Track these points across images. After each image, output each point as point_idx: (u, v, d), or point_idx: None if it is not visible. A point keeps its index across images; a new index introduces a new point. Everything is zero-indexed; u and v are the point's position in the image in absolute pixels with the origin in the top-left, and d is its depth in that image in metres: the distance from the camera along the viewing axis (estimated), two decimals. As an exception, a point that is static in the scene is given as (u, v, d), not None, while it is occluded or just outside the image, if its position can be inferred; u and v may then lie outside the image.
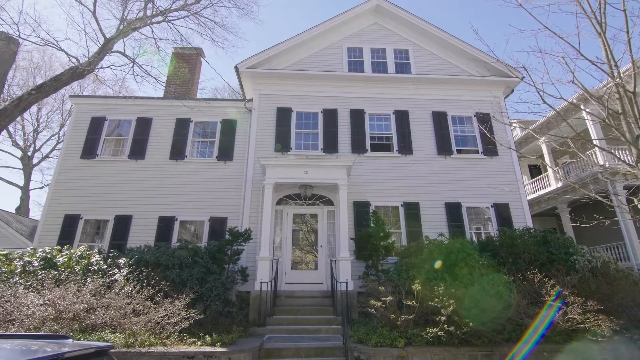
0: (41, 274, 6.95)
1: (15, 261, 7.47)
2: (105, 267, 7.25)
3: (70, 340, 2.32)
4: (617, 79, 4.04)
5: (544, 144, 14.08)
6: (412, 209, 9.91)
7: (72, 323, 5.61)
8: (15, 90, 19.97)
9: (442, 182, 10.28)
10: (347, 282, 7.65)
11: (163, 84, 9.57)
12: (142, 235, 9.55)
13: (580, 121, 11.23)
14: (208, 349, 5.41)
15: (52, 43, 7.75)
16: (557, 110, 4.86)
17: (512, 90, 11.78)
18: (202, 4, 10.64)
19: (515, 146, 11.16)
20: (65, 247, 8.01)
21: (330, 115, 10.94)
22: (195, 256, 7.44)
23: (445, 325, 5.60)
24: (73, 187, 10.20)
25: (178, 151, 10.71)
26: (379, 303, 6.25)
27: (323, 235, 9.73)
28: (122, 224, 9.78)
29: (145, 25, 9.50)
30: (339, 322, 7.18)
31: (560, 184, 13.14)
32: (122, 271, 6.97)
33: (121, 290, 6.35)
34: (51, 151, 23.97)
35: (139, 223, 9.81)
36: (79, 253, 7.62)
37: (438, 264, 7.11)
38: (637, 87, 4.12)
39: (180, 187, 10.24)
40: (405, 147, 10.66)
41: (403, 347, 5.58)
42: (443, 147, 10.73)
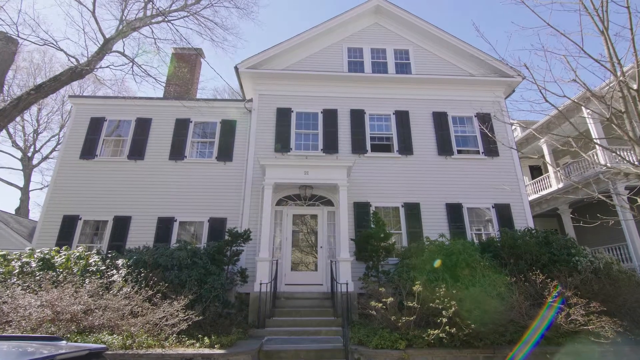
0: (39, 275, 6.90)
1: (13, 262, 7.42)
2: (103, 268, 7.19)
3: (63, 342, 2.27)
4: (621, 77, 3.99)
5: (545, 144, 14.03)
6: (413, 210, 9.86)
7: (69, 324, 5.56)
8: (16, 91, 19.98)
9: (443, 182, 10.23)
10: (347, 284, 7.59)
11: (162, 84, 9.54)
12: (141, 236, 9.50)
13: (581, 121, 11.18)
14: (207, 350, 5.35)
15: (51, 43, 7.72)
16: (560, 109, 4.80)
17: (513, 90, 11.75)
18: (202, 4, 10.63)
19: (516, 147, 11.10)
20: (64, 248, 7.95)
21: (331, 116, 10.90)
22: (194, 257, 7.38)
23: (447, 327, 5.54)
24: (72, 188, 10.16)
25: (177, 151, 10.67)
26: (380, 304, 6.18)
27: (323, 236, 9.67)
28: (121, 225, 9.73)
29: (145, 25, 9.48)
30: (339, 324, 7.12)
31: (561, 185, 13.08)
32: (120, 272, 6.91)
33: (119, 292, 6.29)
34: (51, 152, 23.96)
35: (138, 224, 9.76)
36: (77, 254, 7.57)
37: (438, 263, 7.05)
38: (640, 85, 4.07)
39: (180, 188, 10.20)
40: (406, 148, 10.61)
41: (404, 349, 5.52)
42: (444, 147, 10.68)
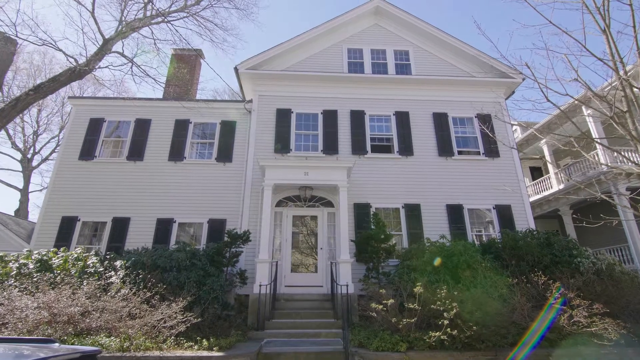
0: (36, 276, 6.84)
1: (11, 263, 7.36)
2: (101, 269, 7.12)
3: (56, 344, 2.21)
4: (623, 76, 3.94)
5: (546, 145, 14.00)
6: (413, 211, 9.80)
7: (66, 326, 5.49)
8: (16, 92, 19.95)
9: (443, 183, 10.18)
10: (347, 285, 7.52)
11: (162, 85, 9.50)
12: (140, 237, 9.44)
13: (581, 122, 11.14)
14: (205, 353, 5.29)
15: (50, 43, 7.69)
16: (562, 109, 4.76)
17: (513, 92, 11.72)
18: (202, 5, 10.60)
19: (516, 147, 11.05)
20: (62, 250, 7.90)
21: (331, 117, 10.86)
22: (193, 258, 7.32)
23: (448, 329, 5.48)
24: (71, 189, 10.11)
25: (177, 152, 10.62)
26: (380, 306, 6.13)
27: (323, 237, 9.61)
28: (120, 226, 9.67)
29: (145, 25, 9.45)
30: (339, 326, 7.05)
31: (562, 186, 13.03)
32: (118, 274, 6.85)
33: (117, 293, 6.22)
34: (51, 153, 23.92)
35: (137, 225, 9.70)
36: (75, 255, 7.51)
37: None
38: (643, 84, 4.03)
39: (179, 189, 10.15)
40: (406, 149, 10.57)
41: (405, 351, 5.46)
42: (444, 148, 10.64)
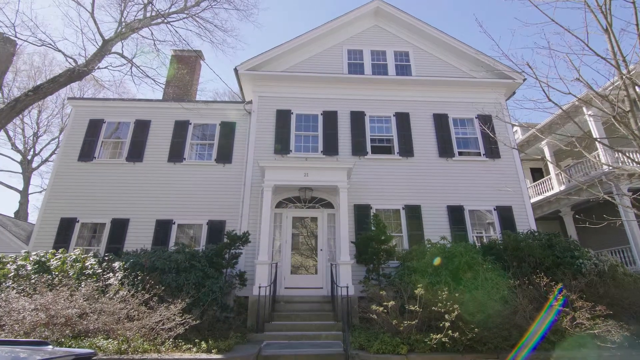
0: (34, 278, 6.78)
1: (9, 265, 7.31)
2: (99, 271, 7.07)
3: (50, 347, 2.16)
4: (626, 74, 3.90)
5: (547, 146, 13.95)
6: (414, 212, 9.74)
7: (63, 329, 5.44)
8: (16, 94, 19.97)
9: (444, 184, 10.13)
10: (347, 287, 7.46)
11: (161, 85, 9.48)
12: (139, 238, 9.39)
13: (583, 122, 11.10)
14: (204, 355, 5.23)
15: (49, 44, 7.68)
16: (564, 109, 4.72)
17: (514, 92, 11.68)
18: (202, 6, 10.61)
19: (517, 147, 11.00)
20: (60, 251, 7.84)
21: (331, 118, 10.82)
22: (192, 260, 7.27)
23: (450, 331, 5.42)
24: (70, 190, 10.06)
25: (176, 154, 10.58)
26: (381, 308, 6.07)
27: (323, 238, 9.56)
28: (119, 228, 9.62)
29: (144, 26, 9.45)
30: (340, 328, 6.98)
31: (563, 187, 12.97)
32: (116, 275, 6.80)
33: (115, 295, 6.17)
34: (51, 155, 23.89)
35: (136, 226, 9.65)
36: (74, 257, 7.45)
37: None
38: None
39: (179, 190, 10.10)
40: (407, 150, 10.53)
41: (406, 354, 5.39)
42: (444, 149, 10.60)
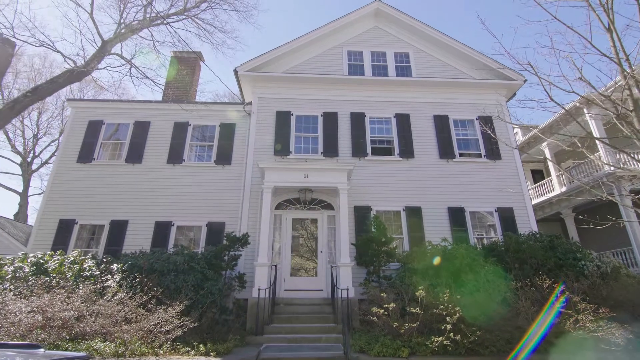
0: (32, 280, 6.71)
1: (6, 267, 7.24)
2: (97, 273, 7.01)
3: (42, 350, 2.11)
4: (630, 73, 3.86)
5: (547, 147, 13.91)
6: (414, 214, 9.68)
7: (60, 331, 5.37)
8: (16, 96, 19.94)
9: (445, 186, 10.07)
10: (347, 289, 7.39)
11: (160, 86, 9.44)
12: (138, 240, 9.33)
13: (584, 123, 11.06)
14: (202, 358, 5.17)
15: (48, 44, 7.65)
16: (566, 109, 4.68)
17: (515, 93, 11.63)
18: (202, 7, 10.58)
19: (518, 151, 10.95)
20: (58, 253, 7.77)
21: (331, 119, 10.79)
22: (191, 262, 7.21)
23: (451, 333, 5.35)
24: (68, 192, 10.01)
25: (176, 155, 10.54)
26: (381, 310, 6.00)
27: (323, 240, 9.49)
28: (118, 229, 9.56)
29: (144, 27, 9.42)
30: (340, 331, 6.91)
31: (564, 189, 12.92)
32: (114, 277, 6.74)
33: (113, 297, 6.10)
34: (51, 157, 23.85)
35: (135, 228, 9.59)
36: (72, 258, 7.39)
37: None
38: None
39: (178, 192, 10.05)
40: (407, 151, 10.48)
41: (407, 357, 5.33)
42: (445, 150, 10.55)
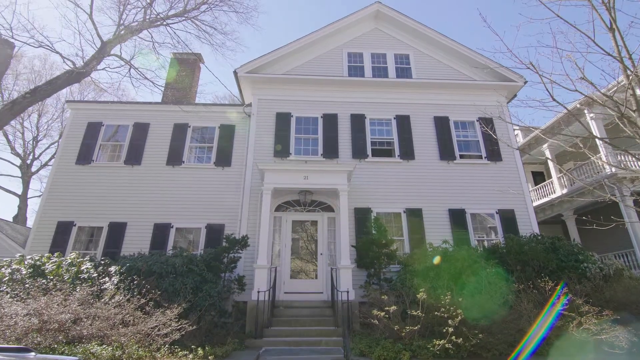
0: (28, 282, 6.64)
1: (3, 269, 7.17)
2: (95, 275, 6.94)
3: (32, 354, 2.05)
4: (633, 71, 3.82)
5: (548, 149, 13.86)
6: (415, 216, 9.62)
7: (56, 334, 5.28)
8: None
9: (445, 188, 10.02)
10: (348, 292, 7.32)
11: (160, 87, 9.43)
12: (136, 242, 9.26)
13: (585, 125, 11.00)
14: (200, 362, 5.09)
15: (47, 45, 7.64)
16: (568, 109, 4.64)
17: (515, 95, 11.60)
18: (201, 9, 10.59)
19: (519, 152, 10.91)
20: (56, 255, 7.70)
21: (331, 120, 10.75)
22: (190, 264, 7.14)
23: (453, 336, 5.28)
24: (67, 194, 9.96)
25: (175, 157, 10.49)
26: (382, 313, 5.93)
27: (323, 242, 9.43)
28: (117, 231, 9.50)
29: (144, 29, 9.42)
30: (340, 334, 6.83)
31: (565, 190, 12.86)
32: (112, 279, 6.66)
33: (110, 300, 6.03)
34: (50, 159, 23.83)
35: (134, 230, 9.53)
36: (69, 261, 7.32)
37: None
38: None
39: (177, 194, 9.99)
40: (407, 153, 10.44)
41: (408, 360, 5.25)
42: (445, 152, 10.51)
